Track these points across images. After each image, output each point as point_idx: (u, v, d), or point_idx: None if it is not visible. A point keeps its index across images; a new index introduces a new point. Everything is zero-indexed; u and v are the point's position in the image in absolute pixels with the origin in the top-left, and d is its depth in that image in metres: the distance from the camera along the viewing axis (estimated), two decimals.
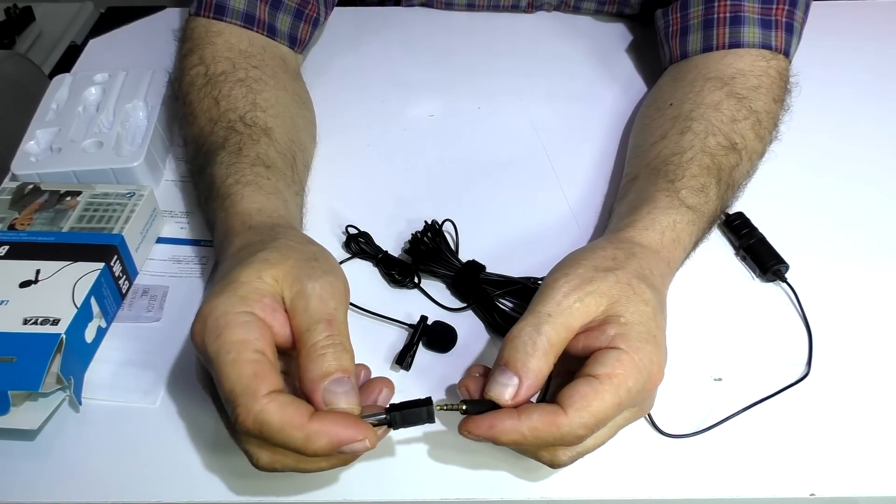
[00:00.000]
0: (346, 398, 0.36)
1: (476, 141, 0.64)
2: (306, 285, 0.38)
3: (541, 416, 0.36)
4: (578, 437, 0.36)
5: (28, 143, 0.59)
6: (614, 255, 0.43)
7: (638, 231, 0.46)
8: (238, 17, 0.61)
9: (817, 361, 0.47)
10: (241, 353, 0.35)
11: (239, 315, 0.37)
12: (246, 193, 0.48)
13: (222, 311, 0.37)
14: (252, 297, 0.38)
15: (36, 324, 0.44)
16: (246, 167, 0.50)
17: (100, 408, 0.46)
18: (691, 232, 0.48)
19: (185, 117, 0.58)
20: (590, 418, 0.36)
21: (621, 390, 0.36)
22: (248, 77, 0.57)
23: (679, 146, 0.52)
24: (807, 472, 0.43)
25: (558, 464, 0.39)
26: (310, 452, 0.35)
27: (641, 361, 0.37)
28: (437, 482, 0.42)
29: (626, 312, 0.39)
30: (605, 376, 0.37)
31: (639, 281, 0.41)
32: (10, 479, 0.43)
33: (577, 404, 0.36)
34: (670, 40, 0.63)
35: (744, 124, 0.54)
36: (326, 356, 0.36)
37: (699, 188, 0.49)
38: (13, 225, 0.51)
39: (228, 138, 0.52)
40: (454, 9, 0.78)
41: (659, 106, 0.59)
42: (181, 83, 0.59)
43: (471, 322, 0.50)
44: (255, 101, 0.55)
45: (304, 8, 0.65)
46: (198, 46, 0.60)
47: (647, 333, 0.38)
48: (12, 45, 1.80)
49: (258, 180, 0.49)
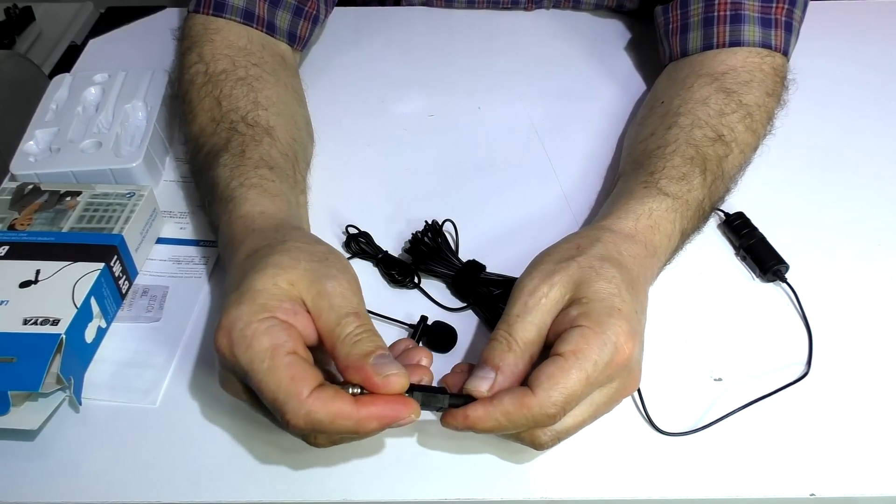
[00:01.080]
0: (395, 365, 0.37)
1: (476, 140, 0.64)
2: (326, 285, 0.39)
3: (511, 399, 0.37)
4: (552, 416, 0.37)
5: (27, 144, 0.59)
6: (578, 244, 0.44)
7: (611, 221, 0.47)
8: (237, 13, 0.61)
9: (817, 361, 0.47)
10: (275, 359, 0.36)
11: (263, 322, 0.37)
12: (250, 196, 0.48)
13: (246, 321, 0.37)
14: (272, 304, 0.38)
15: (36, 324, 0.44)
16: (250, 170, 0.50)
17: (100, 408, 0.46)
18: (672, 219, 0.48)
19: (184, 115, 0.58)
20: (558, 396, 0.37)
21: (587, 364, 0.37)
22: (248, 75, 0.57)
23: (664, 140, 0.53)
24: (807, 472, 0.43)
25: (540, 444, 0.39)
26: (363, 435, 0.37)
27: (605, 334, 0.38)
28: (437, 482, 0.42)
29: (587, 292, 0.40)
30: (569, 353, 0.38)
31: (601, 261, 0.42)
32: (10, 479, 0.43)
33: (543, 384, 0.37)
34: (670, 38, 0.63)
35: (732, 117, 0.54)
36: (363, 341, 0.37)
37: (680, 177, 0.50)
38: (13, 225, 0.51)
39: (231, 140, 0.52)
40: (454, 7, 0.78)
41: (652, 105, 0.59)
42: (180, 81, 0.59)
43: (471, 322, 0.50)
44: (257, 100, 0.55)
45: (304, 5, 0.65)
46: (196, 44, 0.60)
47: (609, 307, 0.39)
48: (12, 45, 1.80)
49: (262, 183, 0.49)
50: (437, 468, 0.43)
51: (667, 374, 0.47)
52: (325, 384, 0.37)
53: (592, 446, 0.43)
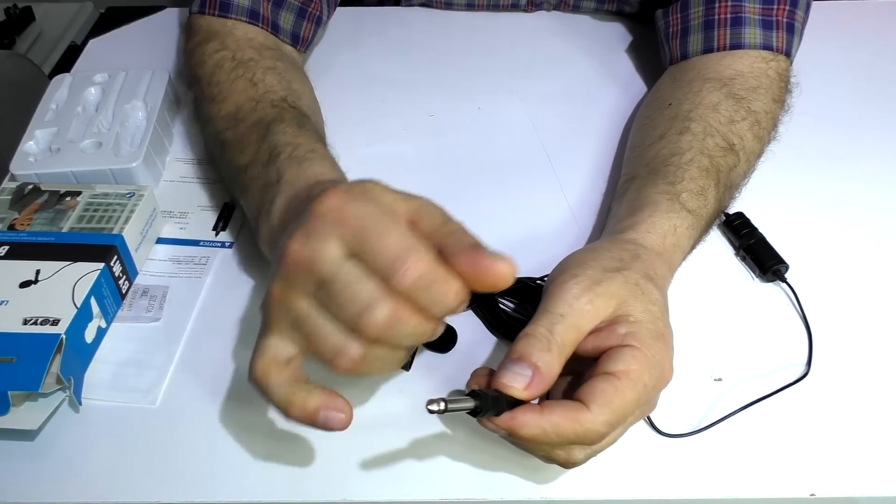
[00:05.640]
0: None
1: (476, 141, 0.64)
2: (422, 199, 0.39)
3: (564, 411, 0.36)
4: (600, 435, 0.36)
5: (27, 144, 0.59)
6: (620, 255, 0.43)
7: (640, 234, 0.46)
8: (243, 13, 0.61)
9: (817, 361, 0.47)
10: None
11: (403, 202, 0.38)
12: (326, 162, 0.47)
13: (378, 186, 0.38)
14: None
15: (36, 324, 0.44)
16: (314, 142, 0.49)
17: (100, 408, 0.46)
18: (690, 236, 0.48)
19: (211, 97, 0.57)
20: (611, 415, 0.36)
21: (639, 386, 0.37)
22: (276, 66, 0.58)
23: (678, 147, 0.52)
24: (807, 472, 0.43)
25: (574, 462, 0.39)
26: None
27: (654, 357, 0.38)
28: (437, 482, 0.42)
29: (635, 311, 0.39)
30: (622, 373, 0.37)
31: (646, 281, 0.41)
32: (10, 479, 0.43)
33: (598, 400, 0.36)
34: (671, 41, 0.63)
35: (742, 125, 0.54)
36: (468, 235, 0.37)
37: (699, 191, 0.49)
38: (13, 225, 0.51)
39: (283, 115, 0.52)
40: (454, 8, 0.78)
41: (658, 106, 0.59)
42: (203, 66, 0.58)
43: (471, 322, 0.50)
44: (291, 88, 0.56)
45: (307, 6, 0.65)
46: (215, 36, 0.60)
47: (656, 331, 0.39)
48: (12, 45, 1.80)
49: (327, 154, 0.49)
50: (438, 468, 0.43)
51: None
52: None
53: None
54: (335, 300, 0.35)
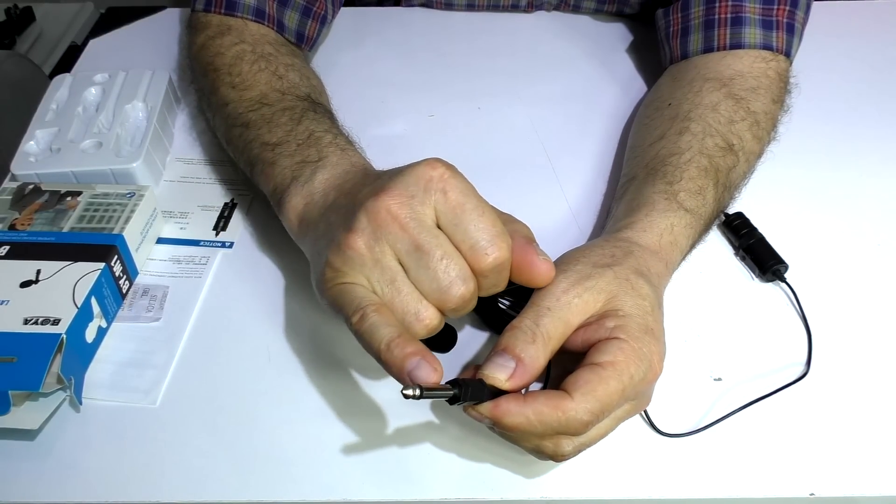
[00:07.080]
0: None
1: (476, 141, 0.64)
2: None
3: (547, 399, 0.36)
4: (584, 424, 0.36)
5: (27, 144, 0.59)
6: (612, 252, 0.43)
7: (636, 232, 0.46)
8: (249, 11, 0.61)
9: (816, 361, 0.47)
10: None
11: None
12: (364, 156, 0.49)
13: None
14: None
15: (36, 324, 0.44)
16: (349, 137, 0.51)
17: (100, 408, 0.46)
18: (688, 235, 0.48)
19: (232, 84, 0.56)
20: (595, 403, 0.36)
21: (624, 377, 0.37)
22: (294, 63, 0.58)
23: (677, 146, 0.52)
24: (807, 471, 0.43)
25: (562, 454, 0.39)
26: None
27: (641, 350, 0.38)
28: (437, 482, 0.42)
29: (624, 306, 0.40)
30: (607, 363, 0.37)
31: (636, 276, 0.41)
32: (10, 479, 0.43)
33: (581, 389, 0.36)
34: (671, 41, 0.63)
35: (741, 125, 0.54)
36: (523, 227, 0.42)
37: (697, 191, 0.49)
38: (14, 225, 0.51)
39: (315, 107, 0.53)
40: (454, 9, 0.78)
41: (658, 106, 0.59)
42: (222, 57, 0.58)
43: (471, 322, 0.50)
44: (311, 85, 0.57)
45: (312, 5, 0.65)
46: (231, 30, 0.60)
47: (645, 325, 0.39)
48: (12, 45, 1.80)
49: (354, 146, 0.51)
50: (437, 468, 0.43)
51: (667, 375, 0.46)
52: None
53: (593, 446, 0.43)
54: (426, 268, 0.37)
